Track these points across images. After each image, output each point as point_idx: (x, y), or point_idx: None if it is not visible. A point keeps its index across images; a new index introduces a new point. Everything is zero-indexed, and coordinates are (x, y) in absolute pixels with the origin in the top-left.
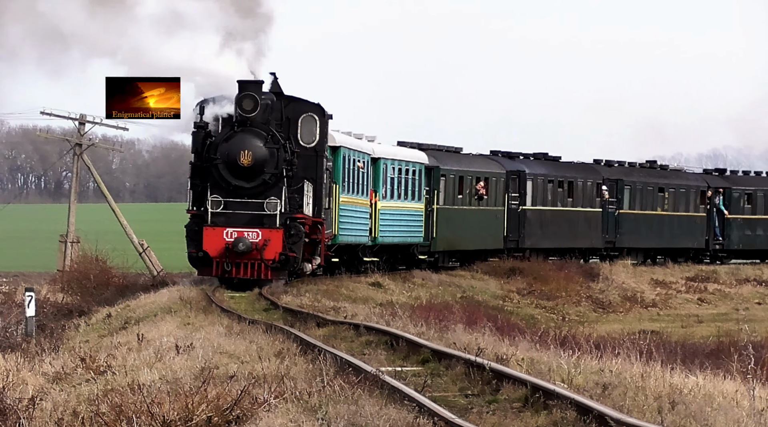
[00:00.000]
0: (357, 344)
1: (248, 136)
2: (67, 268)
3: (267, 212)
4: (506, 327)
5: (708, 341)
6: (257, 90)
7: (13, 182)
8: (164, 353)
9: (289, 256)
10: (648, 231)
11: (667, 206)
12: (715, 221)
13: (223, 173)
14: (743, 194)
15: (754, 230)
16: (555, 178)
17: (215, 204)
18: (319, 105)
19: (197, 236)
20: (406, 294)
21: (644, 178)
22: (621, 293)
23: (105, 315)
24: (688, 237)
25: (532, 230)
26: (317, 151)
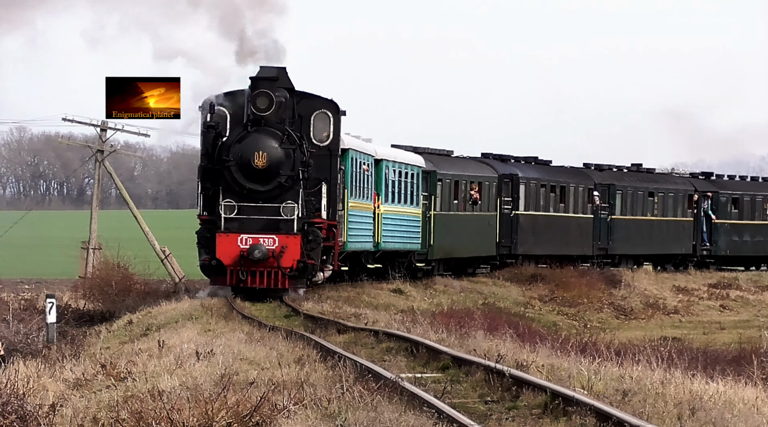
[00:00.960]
0: (377, 350)
1: (262, 137)
2: (89, 275)
3: (284, 217)
4: (527, 334)
5: (729, 348)
6: (271, 87)
7: (35, 189)
8: (185, 360)
9: (308, 263)
10: (639, 238)
11: (657, 211)
12: (703, 226)
13: (236, 176)
14: (730, 198)
15: (741, 236)
16: (548, 182)
17: (228, 209)
18: (332, 101)
19: (210, 243)
20: (427, 301)
21: (635, 183)
22: (643, 299)
23: (126, 322)
24: (676, 243)
25: (525, 236)
26: (331, 150)
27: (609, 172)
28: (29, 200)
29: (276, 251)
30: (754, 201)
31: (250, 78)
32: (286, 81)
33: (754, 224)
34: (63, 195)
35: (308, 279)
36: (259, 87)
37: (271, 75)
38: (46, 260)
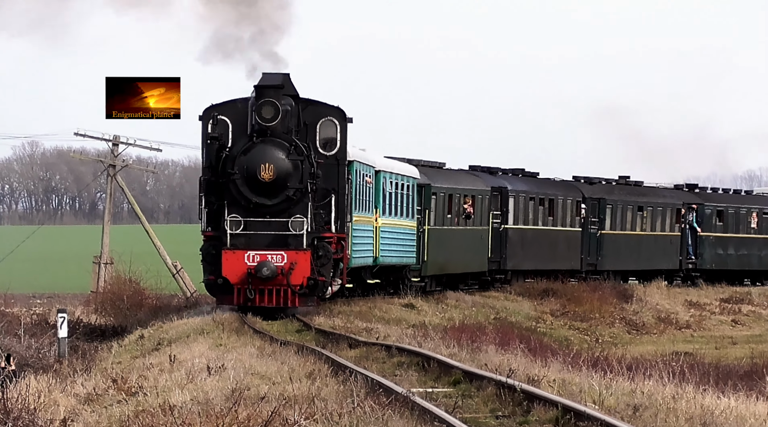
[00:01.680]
0: (389, 365)
1: (269, 148)
2: (101, 289)
3: (292, 232)
4: (539, 348)
5: (742, 363)
6: (277, 95)
7: (47, 204)
8: (196, 374)
9: (318, 280)
10: (628, 253)
11: (645, 226)
12: (688, 239)
13: (242, 189)
14: (715, 211)
15: (725, 249)
16: (536, 195)
17: (234, 224)
18: (339, 108)
19: (215, 260)
20: (439, 315)
21: (625, 197)
22: (655, 314)
23: (138, 336)
24: (663, 258)
25: (514, 250)
26: (338, 159)
27: (599, 185)
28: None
29: (285, 268)
30: (738, 213)
31: (254, 86)
32: (290, 88)
33: (739, 237)
34: (75, 209)
35: (318, 296)
36: (263, 96)
37: (275, 83)
38: (58, 274)
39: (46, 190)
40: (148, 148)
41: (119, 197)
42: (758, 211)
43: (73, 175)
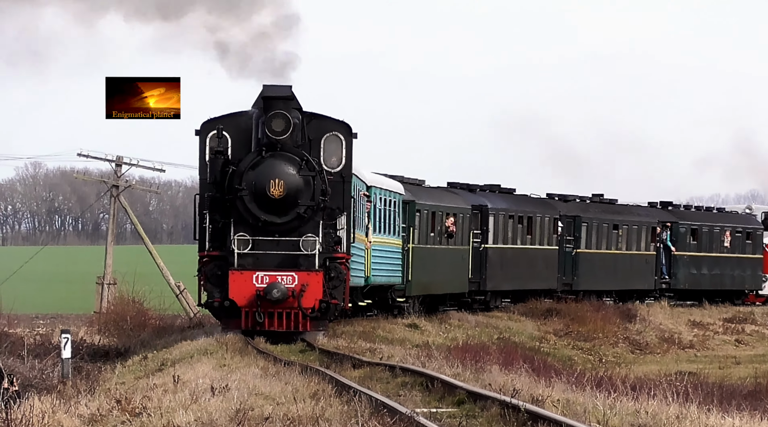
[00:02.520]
0: (393, 385)
1: (279, 163)
2: (104, 310)
3: (303, 252)
4: (542, 368)
5: (746, 383)
6: (287, 107)
7: (50, 224)
8: (200, 395)
9: (331, 303)
10: (604, 273)
11: (621, 245)
12: (662, 259)
13: (250, 207)
14: (689, 229)
15: (699, 269)
16: (515, 213)
17: (242, 243)
18: (344, 123)
19: (221, 281)
20: (442, 335)
21: (600, 215)
22: (658, 334)
23: (141, 357)
24: (639, 278)
25: (494, 271)
26: (343, 176)
27: (574, 203)
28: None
29: (296, 290)
30: (712, 232)
31: (262, 97)
32: (296, 100)
33: (713, 257)
34: (78, 230)
35: (330, 320)
36: (273, 107)
37: (285, 94)
38: (62, 295)
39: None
40: (151, 169)
41: (122, 218)
42: (731, 230)
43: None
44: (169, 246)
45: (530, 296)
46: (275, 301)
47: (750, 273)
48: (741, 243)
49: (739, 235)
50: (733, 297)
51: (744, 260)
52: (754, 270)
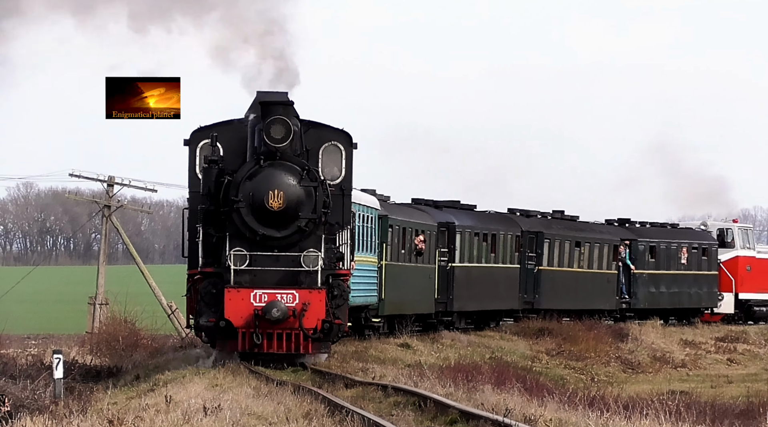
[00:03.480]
0: (385, 404)
1: (278, 172)
2: (96, 330)
3: (305, 268)
4: (535, 388)
5: (738, 402)
6: (287, 113)
7: (42, 244)
8: (192, 415)
9: (334, 323)
10: (565, 292)
11: (583, 263)
12: (621, 277)
13: (247, 220)
14: (648, 247)
15: (658, 287)
16: (480, 230)
17: (239, 259)
18: (344, 132)
19: (215, 300)
20: (434, 355)
21: (562, 231)
22: (650, 353)
23: (133, 377)
24: (601, 297)
25: (461, 290)
26: (343, 189)
27: (536, 219)
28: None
29: (297, 309)
30: (669, 249)
31: (260, 103)
32: (293, 107)
33: (671, 274)
34: (70, 250)
35: (333, 342)
36: (272, 113)
37: (284, 99)
38: (54, 315)
39: (40, 231)
40: (143, 189)
41: (114, 238)
42: (687, 246)
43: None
44: (161, 266)
45: (492, 319)
46: (275, 321)
47: (706, 291)
48: (697, 260)
49: (695, 251)
50: (689, 316)
51: (700, 277)
52: (710, 287)
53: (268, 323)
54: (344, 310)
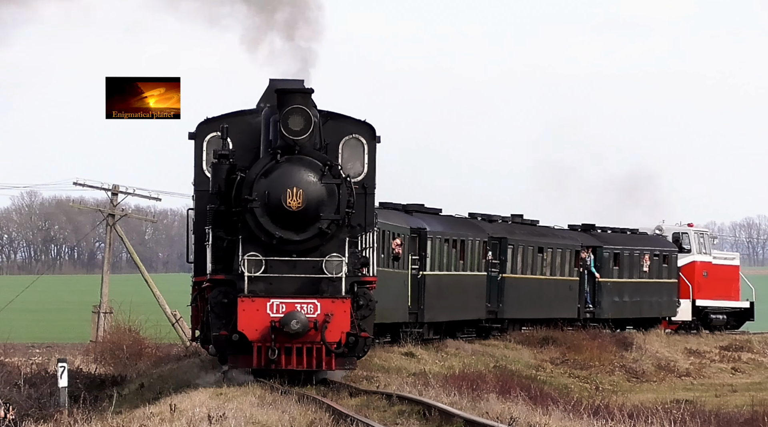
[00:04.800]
0: (390, 413)
1: (297, 168)
2: (100, 338)
3: (327, 275)
4: (539, 396)
5: (742, 410)
6: (306, 102)
7: (46, 253)
8: (197, 424)
9: (360, 336)
10: (529, 300)
11: (546, 269)
12: (585, 286)
13: (262, 221)
14: (612, 254)
15: (621, 296)
16: (450, 236)
17: (254, 265)
18: (367, 124)
19: (227, 311)
20: (439, 364)
21: (526, 237)
22: (654, 362)
23: (138, 385)
24: (563, 306)
25: (432, 300)
26: (366, 187)
27: (498, 223)
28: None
29: (318, 321)
30: (632, 256)
31: (276, 91)
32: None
33: (634, 282)
34: (74, 259)
35: (359, 357)
36: (289, 102)
37: (303, 87)
38: (58, 324)
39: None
40: (147, 198)
41: (118, 246)
42: (650, 254)
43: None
44: (165, 275)
45: (460, 328)
46: (294, 334)
47: (666, 299)
48: (658, 267)
49: (657, 258)
50: (647, 325)
51: (662, 285)
52: (669, 295)
53: (287, 336)
54: (370, 321)
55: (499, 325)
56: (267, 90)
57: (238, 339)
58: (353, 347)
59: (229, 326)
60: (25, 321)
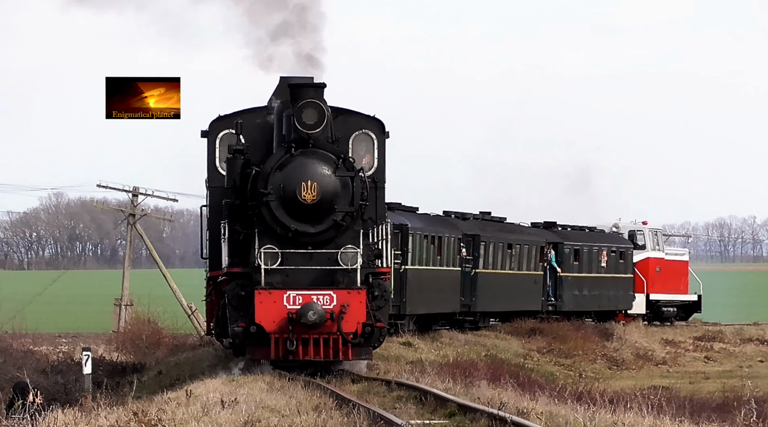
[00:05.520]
0: (389, 398)
1: (311, 162)
2: (122, 329)
3: (342, 266)
4: (527, 383)
5: (714, 397)
6: (319, 97)
7: (72, 250)
8: (210, 408)
9: (376, 327)
10: (500, 293)
11: (514, 265)
12: (547, 280)
13: (278, 214)
14: (572, 250)
15: (581, 290)
16: (429, 233)
17: (270, 257)
18: (376, 119)
19: (245, 303)
20: (434, 352)
21: (496, 234)
22: (633, 351)
23: (156, 372)
24: (529, 299)
25: (413, 293)
26: (376, 181)
27: (472, 221)
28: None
29: (335, 312)
30: (591, 252)
31: (289, 86)
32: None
33: (592, 277)
34: (97, 255)
35: (375, 347)
36: (303, 96)
37: (317, 81)
38: (82, 315)
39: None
40: (165, 199)
41: (138, 244)
42: (607, 250)
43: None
44: (181, 270)
45: (435, 321)
46: (311, 325)
47: (623, 293)
48: (615, 263)
49: (614, 254)
50: (605, 317)
51: (618, 280)
52: (626, 290)
53: (304, 327)
54: (386, 311)
55: (471, 317)
56: (278, 87)
57: (256, 331)
58: (369, 337)
59: (247, 318)
60: (52, 313)
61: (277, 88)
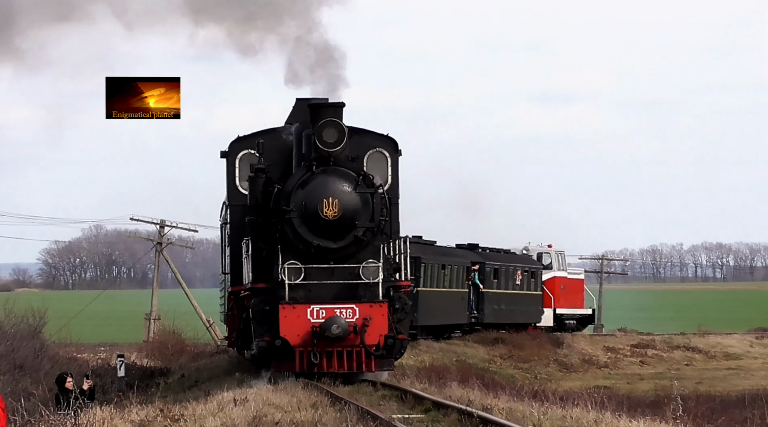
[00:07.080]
0: (375, 397)
1: (332, 179)
2: (151, 339)
3: (364, 281)
4: (491, 384)
5: (648, 394)
6: (338, 116)
7: (109, 273)
8: (225, 405)
9: (398, 339)
10: (435, 309)
11: (446, 283)
12: (471, 295)
13: (300, 231)
14: (492, 269)
15: (500, 304)
16: None
17: (293, 273)
18: (389, 137)
19: (269, 318)
20: (413, 358)
21: (432, 256)
22: (580, 357)
23: (179, 376)
24: (458, 313)
25: None
26: (390, 197)
27: (415, 244)
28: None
29: (358, 325)
30: (508, 271)
31: (309, 106)
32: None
33: (509, 293)
34: (131, 278)
35: (397, 358)
36: (323, 115)
37: (336, 101)
38: (118, 328)
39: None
40: (187, 230)
41: (165, 268)
42: (521, 269)
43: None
44: (201, 290)
45: None
46: (335, 338)
47: (534, 308)
48: (528, 281)
49: (527, 273)
50: (519, 329)
51: (530, 296)
52: (536, 305)
53: (327, 340)
54: (406, 324)
55: (414, 331)
56: (294, 109)
57: (281, 345)
58: (391, 349)
59: (272, 333)
60: (92, 326)
61: (293, 109)
